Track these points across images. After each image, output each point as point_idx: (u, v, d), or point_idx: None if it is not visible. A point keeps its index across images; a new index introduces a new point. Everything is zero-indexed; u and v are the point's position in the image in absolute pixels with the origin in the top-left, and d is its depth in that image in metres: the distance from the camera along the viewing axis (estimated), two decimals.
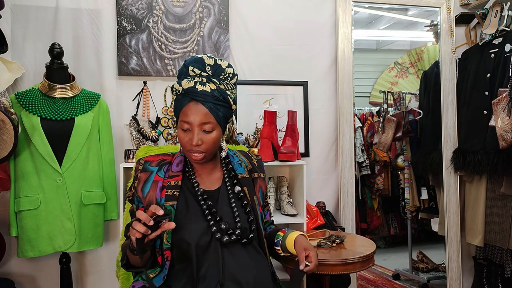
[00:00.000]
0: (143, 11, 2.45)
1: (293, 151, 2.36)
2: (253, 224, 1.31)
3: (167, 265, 1.25)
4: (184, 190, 1.31)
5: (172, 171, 1.32)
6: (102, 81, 2.42)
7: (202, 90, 1.24)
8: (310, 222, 2.41)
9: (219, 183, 1.36)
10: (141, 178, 1.31)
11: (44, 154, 2.05)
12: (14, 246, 2.25)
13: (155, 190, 1.29)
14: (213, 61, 1.30)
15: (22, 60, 2.29)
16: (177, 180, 1.30)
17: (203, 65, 1.29)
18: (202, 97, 1.24)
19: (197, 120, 1.24)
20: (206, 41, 2.52)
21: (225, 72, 1.31)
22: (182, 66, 1.33)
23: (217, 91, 1.26)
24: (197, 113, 1.24)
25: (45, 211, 2.06)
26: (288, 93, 2.65)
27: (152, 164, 1.34)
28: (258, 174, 1.45)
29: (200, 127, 1.25)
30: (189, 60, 1.31)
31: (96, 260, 2.43)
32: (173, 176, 1.31)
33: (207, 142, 1.26)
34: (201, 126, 1.25)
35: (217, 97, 1.26)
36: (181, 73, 1.32)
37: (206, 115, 1.25)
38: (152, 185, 1.29)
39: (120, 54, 2.42)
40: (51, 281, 2.36)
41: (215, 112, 1.26)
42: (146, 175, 1.31)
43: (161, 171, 1.32)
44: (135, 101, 2.47)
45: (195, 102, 1.25)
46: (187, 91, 1.25)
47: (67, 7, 2.37)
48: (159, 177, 1.31)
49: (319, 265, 1.84)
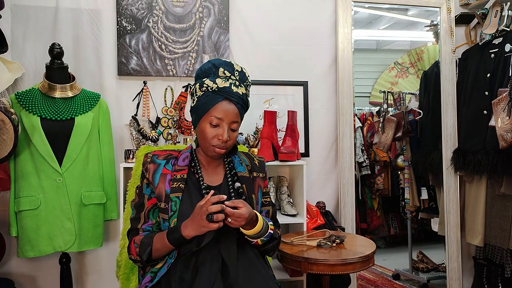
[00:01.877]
0: (143, 11, 2.45)
1: (293, 151, 2.36)
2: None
3: (175, 253, 1.32)
4: (189, 183, 1.38)
5: (179, 165, 1.40)
6: (102, 81, 2.42)
7: (236, 92, 1.36)
8: (310, 222, 2.41)
9: (221, 179, 1.43)
10: (150, 168, 1.39)
11: (44, 154, 2.05)
12: (14, 246, 2.25)
13: (164, 182, 1.37)
14: (240, 68, 1.42)
15: (22, 60, 2.30)
16: (183, 174, 1.38)
17: (233, 69, 1.40)
18: (236, 98, 1.36)
19: (229, 118, 1.35)
20: (206, 41, 2.52)
21: (248, 80, 1.44)
22: (208, 65, 1.40)
23: (245, 95, 1.41)
24: (230, 111, 1.35)
25: (45, 211, 2.06)
26: (288, 93, 2.65)
27: (160, 157, 1.42)
28: (257, 173, 1.50)
29: (229, 125, 1.36)
30: (218, 62, 1.40)
31: (96, 260, 2.43)
32: (179, 170, 1.39)
33: (232, 139, 1.38)
34: (231, 124, 1.36)
35: (244, 100, 1.40)
36: (208, 71, 1.39)
37: (237, 115, 1.37)
38: (161, 178, 1.37)
39: (120, 54, 2.42)
40: (51, 281, 2.36)
41: (241, 114, 1.39)
42: (155, 166, 1.39)
43: (168, 164, 1.40)
44: (135, 101, 2.47)
45: (228, 102, 1.35)
46: (222, 90, 1.35)
47: (67, 7, 2.37)
48: (167, 170, 1.39)
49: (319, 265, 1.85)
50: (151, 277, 1.34)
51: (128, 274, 1.73)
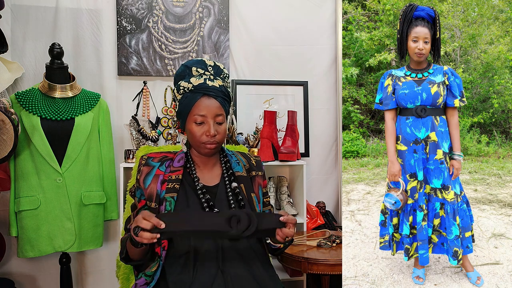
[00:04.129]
0: (143, 11, 2.45)
1: (293, 151, 2.36)
2: None
3: (163, 255, 1.31)
4: (184, 184, 1.38)
5: (174, 167, 1.40)
6: (102, 81, 2.42)
7: (212, 86, 1.36)
8: (310, 222, 2.41)
9: (218, 180, 1.43)
10: (143, 170, 1.39)
11: (44, 154, 2.05)
12: (14, 246, 2.25)
13: (156, 183, 1.36)
14: (213, 63, 1.41)
15: (22, 60, 2.30)
16: (178, 175, 1.38)
17: (206, 65, 1.40)
18: (213, 91, 1.35)
19: (212, 112, 1.34)
20: (206, 41, 2.52)
21: (224, 72, 1.43)
22: (182, 68, 1.41)
23: (224, 87, 1.39)
24: (211, 106, 1.35)
25: (45, 211, 2.06)
26: (288, 93, 2.65)
27: (155, 159, 1.42)
28: (256, 172, 1.50)
29: (214, 119, 1.35)
30: (190, 62, 1.41)
31: (96, 260, 2.43)
32: (174, 171, 1.39)
33: (221, 132, 1.36)
34: (215, 118, 1.35)
35: (224, 92, 1.38)
36: (182, 74, 1.41)
37: (219, 107, 1.36)
38: (154, 179, 1.37)
39: (120, 54, 2.43)
40: (51, 281, 2.36)
41: (224, 105, 1.38)
42: (149, 169, 1.39)
43: (162, 166, 1.40)
44: (135, 101, 2.47)
45: (207, 97, 1.35)
46: (197, 87, 1.35)
47: (67, 7, 2.37)
48: (161, 171, 1.39)
49: (319, 265, 1.86)
50: (147, 280, 1.34)
51: (128, 274, 1.73)
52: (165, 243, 1.32)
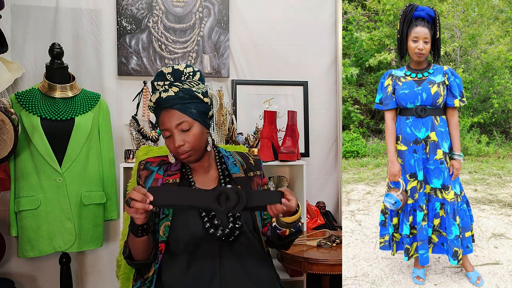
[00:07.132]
0: (143, 11, 2.45)
1: (293, 151, 2.36)
2: (238, 221, 1.36)
3: (159, 258, 1.32)
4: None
5: (171, 170, 1.42)
6: (102, 81, 2.42)
7: (166, 96, 1.32)
8: (310, 222, 2.41)
9: (215, 183, 1.43)
10: (143, 174, 1.41)
11: (44, 154, 2.05)
12: (14, 246, 2.25)
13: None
14: (171, 69, 1.37)
15: (22, 60, 2.30)
16: (175, 178, 1.39)
17: (164, 75, 1.37)
18: (168, 102, 1.32)
19: (171, 123, 1.32)
20: (206, 41, 2.52)
21: (184, 73, 1.38)
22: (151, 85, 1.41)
23: (181, 91, 1.34)
24: (169, 117, 1.33)
25: (45, 211, 2.06)
26: (288, 93, 2.65)
27: (153, 164, 1.43)
28: (253, 172, 1.50)
29: (177, 129, 1.32)
30: (154, 78, 1.40)
31: (96, 260, 2.43)
32: (171, 175, 1.40)
33: (189, 140, 1.33)
34: (178, 127, 1.32)
35: (183, 97, 1.33)
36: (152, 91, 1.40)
37: (178, 116, 1.32)
38: (153, 182, 1.39)
39: (120, 54, 2.43)
40: (51, 281, 2.36)
41: (185, 110, 1.33)
42: (148, 172, 1.41)
43: (161, 170, 1.42)
44: (135, 101, 2.47)
45: (165, 109, 1.34)
46: (156, 103, 1.35)
47: (67, 7, 2.37)
48: (159, 175, 1.40)
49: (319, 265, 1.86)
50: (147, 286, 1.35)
51: (128, 274, 1.73)
52: (162, 247, 1.33)
